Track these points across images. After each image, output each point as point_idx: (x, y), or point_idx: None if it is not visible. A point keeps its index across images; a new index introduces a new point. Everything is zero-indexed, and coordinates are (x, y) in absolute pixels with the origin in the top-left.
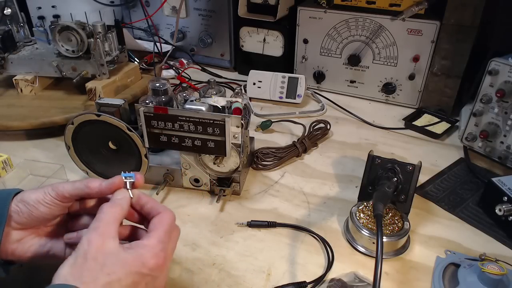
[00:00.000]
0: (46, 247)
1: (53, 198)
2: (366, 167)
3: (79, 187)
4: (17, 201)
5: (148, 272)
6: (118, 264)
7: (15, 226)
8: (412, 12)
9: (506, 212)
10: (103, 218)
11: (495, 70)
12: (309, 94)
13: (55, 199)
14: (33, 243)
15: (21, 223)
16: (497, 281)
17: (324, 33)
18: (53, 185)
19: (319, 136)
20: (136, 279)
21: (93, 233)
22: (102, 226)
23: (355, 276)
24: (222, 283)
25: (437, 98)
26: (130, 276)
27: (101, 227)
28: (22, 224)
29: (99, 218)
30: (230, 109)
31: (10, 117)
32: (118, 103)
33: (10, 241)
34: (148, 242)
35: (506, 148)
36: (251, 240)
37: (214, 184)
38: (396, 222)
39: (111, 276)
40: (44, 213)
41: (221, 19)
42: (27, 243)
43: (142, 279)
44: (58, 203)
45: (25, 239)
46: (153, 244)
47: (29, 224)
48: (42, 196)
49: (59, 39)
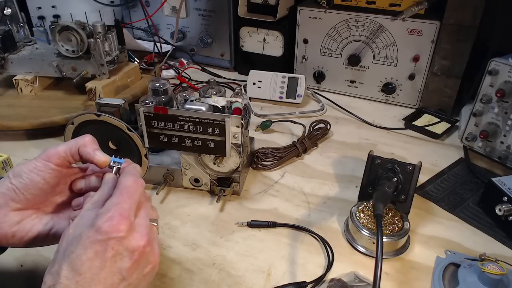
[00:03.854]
0: (48, 226)
1: (45, 162)
2: (366, 167)
3: (71, 143)
4: (10, 178)
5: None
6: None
7: (13, 206)
8: (412, 12)
9: (506, 212)
10: None
11: (495, 70)
12: (309, 94)
13: (48, 162)
14: (34, 223)
15: (20, 201)
16: (497, 281)
17: (324, 33)
18: (44, 150)
19: (319, 136)
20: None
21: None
22: None
23: (355, 276)
24: (222, 283)
25: (437, 98)
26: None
27: None
28: (20, 202)
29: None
30: (230, 109)
31: (10, 117)
32: (118, 103)
33: (10, 223)
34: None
35: (506, 148)
36: (251, 240)
37: (214, 184)
38: (396, 222)
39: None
40: (40, 183)
41: (221, 19)
42: (28, 224)
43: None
44: (51, 166)
45: (26, 220)
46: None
47: (29, 201)
48: (34, 164)
49: (59, 39)
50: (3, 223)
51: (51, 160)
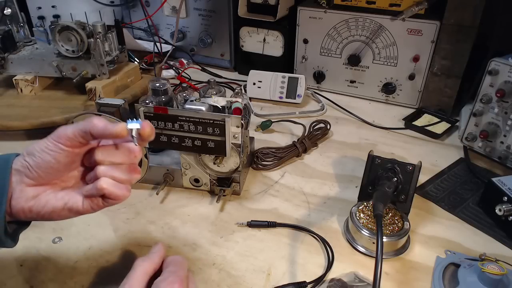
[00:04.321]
0: (63, 201)
1: (55, 142)
2: (366, 167)
3: (83, 124)
4: (24, 156)
5: None
6: None
7: (28, 182)
8: (412, 12)
9: (506, 212)
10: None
11: (495, 70)
12: (309, 94)
13: (58, 143)
14: (49, 198)
15: (34, 178)
16: (497, 281)
17: (324, 33)
18: (56, 130)
19: (319, 136)
20: None
21: None
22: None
23: (355, 276)
24: (222, 283)
25: (437, 98)
26: None
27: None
28: (34, 179)
29: (130, 276)
30: (230, 109)
31: (10, 117)
32: (118, 103)
33: (26, 198)
34: None
35: (506, 148)
36: (251, 240)
37: (214, 184)
38: (396, 222)
39: None
40: (51, 162)
41: (221, 19)
42: (43, 199)
43: None
44: (62, 147)
45: (41, 195)
46: None
47: (43, 179)
48: (45, 144)
49: (59, 39)
50: (19, 198)
51: (61, 141)
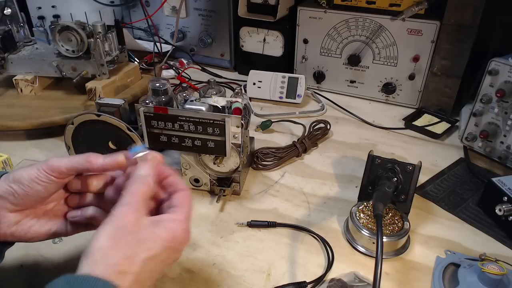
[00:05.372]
0: (47, 226)
1: (47, 174)
2: (366, 167)
3: (78, 162)
4: (9, 181)
5: (179, 246)
6: (155, 239)
7: (11, 208)
8: (412, 12)
9: (506, 212)
10: (135, 194)
11: (495, 70)
12: (309, 94)
13: (50, 175)
14: (32, 224)
15: (17, 204)
16: (497, 281)
17: (324, 33)
18: (47, 161)
19: (319, 136)
20: (169, 254)
21: (128, 209)
22: (136, 202)
23: (355, 276)
24: (222, 283)
25: (437, 98)
26: (165, 251)
27: (135, 203)
28: (18, 205)
29: (132, 193)
30: (230, 109)
31: (10, 117)
32: (118, 103)
33: (8, 224)
34: (179, 217)
35: (506, 148)
36: (251, 240)
37: (214, 184)
38: (396, 222)
39: (149, 252)
40: (41, 192)
41: (221, 19)
42: (26, 224)
43: (173, 253)
44: (53, 179)
45: (23, 220)
46: (183, 220)
47: (26, 205)
48: (35, 173)
49: (59, 39)
50: (1, 223)
51: (53, 174)
